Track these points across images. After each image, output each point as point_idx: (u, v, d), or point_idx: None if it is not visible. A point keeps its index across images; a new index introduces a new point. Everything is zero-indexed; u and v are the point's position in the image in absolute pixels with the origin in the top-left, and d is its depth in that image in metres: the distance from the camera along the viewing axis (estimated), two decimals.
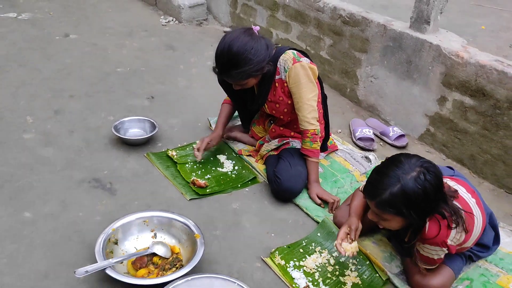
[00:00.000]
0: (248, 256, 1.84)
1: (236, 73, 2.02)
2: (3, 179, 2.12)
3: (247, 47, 2.00)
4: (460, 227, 1.58)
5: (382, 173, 1.57)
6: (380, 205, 1.54)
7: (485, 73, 2.37)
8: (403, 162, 1.55)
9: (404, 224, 1.61)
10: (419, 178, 1.49)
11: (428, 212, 1.55)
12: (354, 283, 1.78)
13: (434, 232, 1.56)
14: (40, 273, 1.68)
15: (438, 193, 1.53)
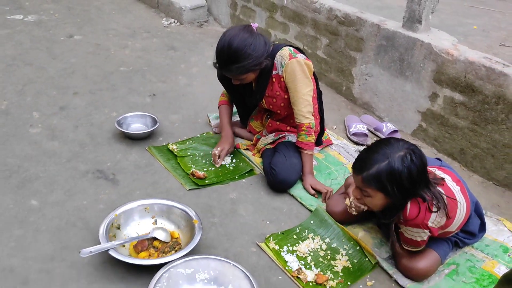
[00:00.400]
0: (244, 242, 1.93)
1: (236, 67, 2.12)
2: (11, 170, 2.22)
3: (247, 43, 2.10)
4: (441, 211, 1.66)
5: (371, 151, 1.66)
6: (366, 179, 1.62)
7: (474, 69, 2.46)
8: (392, 143, 1.65)
9: (385, 203, 1.69)
10: (406, 158, 1.58)
11: (410, 192, 1.63)
12: (344, 266, 1.86)
13: (414, 213, 1.64)
14: (46, 256, 1.77)
15: (421, 175, 1.61)
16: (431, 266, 1.83)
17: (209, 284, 1.67)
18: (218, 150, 2.39)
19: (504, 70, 2.36)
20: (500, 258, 1.94)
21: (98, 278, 1.70)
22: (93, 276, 1.70)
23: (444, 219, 1.69)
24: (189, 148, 2.52)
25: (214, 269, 1.68)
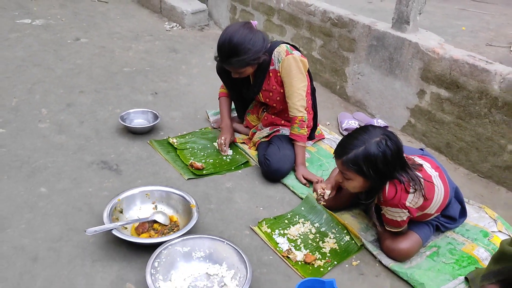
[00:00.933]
0: (238, 226, 2.07)
1: (236, 61, 2.27)
2: (21, 161, 2.37)
3: (246, 38, 2.25)
4: (418, 192, 1.79)
5: (351, 137, 1.80)
6: (345, 163, 1.76)
7: (458, 66, 2.60)
8: (370, 130, 1.79)
9: (365, 185, 1.82)
10: (381, 143, 1.72)
11: (386, 174, 1.76)
12: (332, 248, 1.99)
13: (391, 194, 1.77)
14: (54, 236, 1.91)
15: (396, 159, 1.74)
16: (413, 247, 1.95)
17: (204, 261, 1.80)
18: (222, 139, 2.55)
19: (486, 66, 2.49)
20: (479, 242, 2.06)
21: (102, 256, 1.83)
22: (97, 254, 1.84)
23: (421, 200, 1.81)
24: (188, 142, 2.66)
25: (209, 248, 1.81)
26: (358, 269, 1.91)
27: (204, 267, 1.79)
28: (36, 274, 1.73)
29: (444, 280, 1.85)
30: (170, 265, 1.74)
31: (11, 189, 2.17)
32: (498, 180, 2.55)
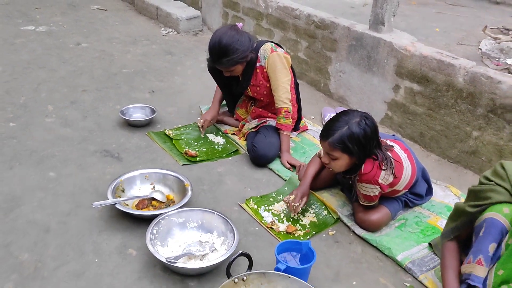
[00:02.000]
0: (228, 203, 2.31)
1: (226, 60, 2.53)
2: (31, 150, 2.62)
3: (234, 39, 2.51)
4: (388, 170, 2.04)
5: (334, 120, 2.04)
6: (331, 143, 1.99)
7: (427, 62, 2.87)
8: (349, 112, 2.04)
9: (349, 163, 2.06)
10: (361, 122, 1.97)
11: (367, 149, 2.00)
12: (311, 221, 2.24)
13: (368, 169, 2.02)
14: (63, 212, 2.15)
15: (374, 134, 1.99)
16: (382, 218, 2.19)
17: (197, 231, 2.04)
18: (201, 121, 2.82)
19: (452, 61, 2.76)
20: (443, 215, 2.31)
21: (107, 228, 2.07)
22: (102, 226, 2.08)
23: (391, 177, 2.06)
24: (183, 133, 2.91)
25: (201, 219, 2.05)
26: (334, 238, 2.15)
27: (197, 235, 2.03)
28: (49, 242, 1.97)
29: (409, 246, 2.10)
30: (167, 233, 1.98)
31: (23, 173, 2.41)
32: (466, 164, 2.80)
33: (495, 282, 1.67)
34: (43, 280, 1.78)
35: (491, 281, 1.67)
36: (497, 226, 1.60)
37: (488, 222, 1.63)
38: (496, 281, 1.67)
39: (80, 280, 1.79)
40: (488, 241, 1.62)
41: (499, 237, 1.61)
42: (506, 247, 1.62)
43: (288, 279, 1.70)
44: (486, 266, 1.63)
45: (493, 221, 1.62)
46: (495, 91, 2.56)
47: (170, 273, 1.85)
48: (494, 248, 1.62)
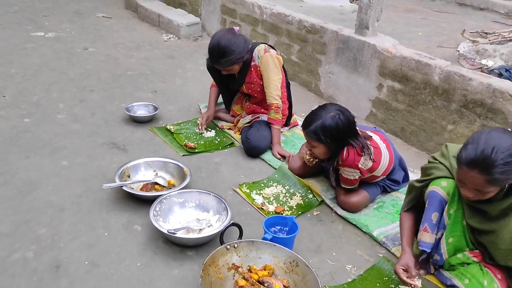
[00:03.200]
0: (223, 188, 2.56)
1: (224, 61, 2.80)
2: (44, 142, 2.88)
3: (231, 42, 2.78)
4: (367, 155, 2.29)
5: (312, 113, 2.30)
6: (308, 133, 2.26)
7: (407, 63, 3.14)
8: (327, 106, 2.30)
9: (327, 151, 2.31)
10: (335, 116, 2.22)
11: (341, 141, 2.25)
12: (298, 203, 2.49)
13: (347, 156, 2.27)
14: (76, 194, 2.41)
15: (348, 128, 2.24)
16: (362, 200, 2.44)
17: (195, 209, 2.29)
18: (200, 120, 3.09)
19: (428, 62, 3.03)
20: None
21: (114, 207, 2.32)
22: (111, 206, 2.33)
23: (370, 163, 2.31)
24: (183, 128, 3.17)
25: (199, 199, 2.31)
26: (318, 217, 2.40)
27: (195, 213, 2.28)
28: (64, 220, 2.22)
29: (385, 224, 2.35)
30: (168, 211, 2.23)
31: (38, 162, 2.67)
32: None
33: (449, 250, 1.92)
34: (59, 250, 2.03)
35: (445, 249, 1.93)
36: (436, 198, 1.87)
37: (430, 195, 1.89)
38: (449, 248, 1.92)
39: (91, 250, 2.04)
40: (430, 211, 1.89)
41: (439, 206, 1.88)
42: (449, 217, 1.88)
43: (274, 247, 1.95)
44: (432, 233, 1.90)
45: (433, 194, 1.88)
46: (466, 87, 2.82)
47: (171, 245, 2.10)
48: (436, 216, 1.89)
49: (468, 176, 1.66)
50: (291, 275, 1.90)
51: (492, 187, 1.66)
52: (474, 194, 1.72)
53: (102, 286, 1.86)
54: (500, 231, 1.76)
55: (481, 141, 1.64)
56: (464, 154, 1.66)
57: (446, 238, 1.92)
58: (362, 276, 2.03)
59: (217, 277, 1.84)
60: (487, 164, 1.60)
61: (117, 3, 6.42)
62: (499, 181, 1.62)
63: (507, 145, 1.60)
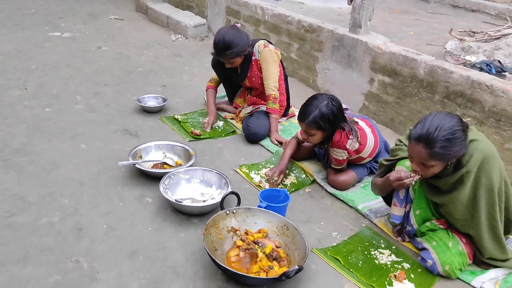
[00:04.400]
0: (225, 168, 2.84)
1: (229, 53, 3.08)
2: (64, 129, 3.18)
3: (235, 36, 3.08)
4: (354, 138, 2.57)
5: (307, 105, 2.58)
6: (308, 124, 2.53)
7: (395, 58, 3.41)
8: (318, 97, 2.58)
9: (323, 137, 2.59)
10: (329, 104, 2.51)
11: (335, 124, 2.53)
12: (292, 182, 2.76)
13: (338, 138, 2.54)
14: (94, 172, 2.70)
15: (340, 112, 2.52)
16: (349, 179, 2.71)
17: (199, 185, 2.58)
18: (207, 119, 3.34)
19: (415, 57, 3.30)
20: None
21: (128, 183, 2.62)
22: (125, 182, 2.62)
23: (357, 144, 2.58)
24: (190, 118, 3.47)
25: (203, 176, 2.59)
26: (309, 194, 2.68)
27: (200, 188, 2.56)
28: (84, 192, 2.52)
29: (369, 199, 2.62)
30: (176, 185, 2.52)
31: (59, 145, 2.97)
32: None
33: (418, 221, 2.19)
34: (81, 216, 2.32)
35: (414, 221, 2.20)
36: None
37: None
38: (418, 219, 2.19)
39: (109, 217, 2.33)
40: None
41: None
42: (414, 192, 2.15)
43: (268, 213, 2.23)
44: (400, 207, 2.18)
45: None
46: (448, 80, 3.09)
47: (178, 213, 2.39)
48: (403, 192, 2.17)
49: (415, 149, 1.93)
50: (282, 237, 2.18)
51: (434, 161, 1.91)
52: (420, 168, 1.98)
53: (118, 245, 2.15)
54: (453, 203, 2.03)
55: (428, 121, 1.91)
56: (413, 131, 1.94)
57: (414, 211, 2.19)
58: (346, 241, 2.30)
59: (217, 237, 2.12)
60: (430, 139, 1.87)
61: (128, 6, 6.76)
62: (439, 155, 1.88)
63: (449, 126, 1.87)
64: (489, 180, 1.96)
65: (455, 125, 1.88)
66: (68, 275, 1.96)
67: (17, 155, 2.82)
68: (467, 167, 1.94)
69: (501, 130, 2.86)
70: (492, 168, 1.95)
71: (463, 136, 1.90)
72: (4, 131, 3.09)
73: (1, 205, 2.36)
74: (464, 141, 1.90)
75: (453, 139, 1.86)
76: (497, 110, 2.86)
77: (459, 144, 1.88)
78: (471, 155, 1.93)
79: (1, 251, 2.06)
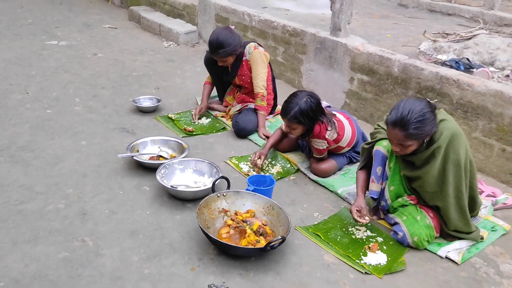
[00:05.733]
0: (216, 160, 3.07)
1: (222, 51, 3.34)
2: (66, 128, 3.41)
3: (228, 36, 3.34)
4: (333, 129, 2.83)
5: (288, 102, 2.84)
6: (290, 120, 2.79)
7: (372, 58, 3.69)
8: (298, 94, 2.84)
9: (304, 130, 2.85)
10: (307, 100, 2.76)
11: (314, 119, 2.79)
12: (278, 171, 3.01)
13: (317, 130, 2.80)
14: (95, 165, 2.93)
15: (318, 107, 2.78)
16: (330, 167, 2.96)
17: (193, 173, 2.81)
18: (197, 108, 3.60)
19: (389, 56, 3.58)
20: None
21: (127, 174, 2.85)
22: (124, 173, 2.85)
23: (335, 134, 2.84)
24: (182, 117, 3.71)
25: (196, 166, 2.83)
26: (294, 181, 2.92)
27: (193, 177, 2.80)
28: (86, 183, 2.74)
29: (348, 184, 2.87)
30: (171, 174, 2.75)
31: (62, 142, 3.20)
32: None
33: (391, 196, 2.44)
34: (84, 203, 2.55)
35: (388, 196, 2.45)
36: (379, 155, 2.41)
37: (375, 153, 2.43)
38: (392, 195, 2.44)
39: (110, 203, 2.56)
40: (375, 166, 2.42)
41: (382, 162, 2.41)
42: (390, 169, 2.41)
43: (255, 195, 2.47)
44: (377, 183, 2.43)
45: (377, 152, 2.42)
46: (420, 76, 3.37)
47: (173, 199, 2.62)
48: (380, 170, 2.42)
49: (392, 133, 2.19)
50: (268, 216, 2.42)
51: (410, 141, 2.17)
52: (400, 149, 2.24)
53: (120, 226, 2.37)
54: (425, 176, 2.28)
55: (401, 107, 2.18)
56: (389, 117, 2.20)
57: (388, 187, 2.44)
58: (326, 220, 2.54)
59: (210, 216, 2.36)
60: (404, 123, 2.13)
61: (121, 16, 7.03)
62: (414, 135, 2.14)
63: (419, 109, 2.14)
64: (457, 155, 2.22)
65: (424, 108, 2.14)
66: (75, 251, 2.18)
67: (23, 151, 3.04)
68: (438, 142, 2.21)
69: (468, 121, 3.14)
70: (459, 144, 2.22)
71: (433, 116, 2.16)
72: (9, 130, 3.31)
73: (11, 194, 2.58)
74: (434, 120, 2.17)
75: (424, 120, 2.12)
76: (464, 102, 3.13)
77: (430, 123, 2.14)
78: (441, 133, 2.20)
79: (13, 233, 2.28)
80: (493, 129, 3.01)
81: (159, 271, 2.09)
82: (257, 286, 2.05)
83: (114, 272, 2.07)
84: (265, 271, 2.13)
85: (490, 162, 3.07)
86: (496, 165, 3.05)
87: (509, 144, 2.95)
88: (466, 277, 2.19)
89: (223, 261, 2.17)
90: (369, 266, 2.21)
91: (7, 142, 3.14)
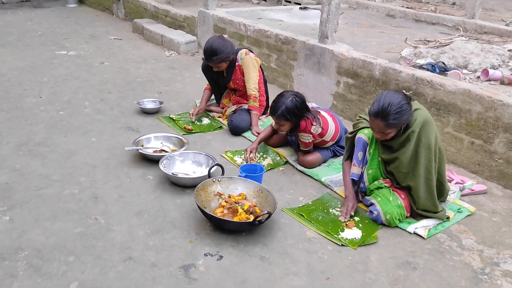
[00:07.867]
0: (213, 154, 3.39)
1: (215, 58, 3.70)
2: (77, 127, 3.76)
3: (221, 44, 3.70)
4: (317, 124, 3.16)
5: (276, 101, 3.18)
6: (277, 117, 3.13)
7: (356, 63, 4.05)
8: (284, 94, 3.19)
9: (291, 126, 3.19)
10: (293, 99, 3.11)
11: (300, 115, 3.13)
12: (268, 163, 3.34)
13: (304, 125, 3.13)
14: (104, 158, 3.27)
15: (303, 105, 3.12)
16: (315, 159, 3.29)
17: (192, 164, 3.15)
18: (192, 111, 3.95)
19: (372, 61, 3.94)
20: None
21: (133, 165, 3.18)
22: (130, 164, 3.19)
23: (320, 129, 3.18)
24: (183, 117, 4.06)
25: (194, 157, 3.17)
26: (283, 172, 3.26)
27: (192, 167, 3.14)
28: (97, 172, 3.08)
29: (332, 174, 3.20)
30: (172, 164, 3.09)
31: (74, 139, 3.54)
32: None
33: (369, 179, 2.77)
34: (96, 189, 2.88)
35: (366, 178, 2.78)
36: (361, 141, 2.73)
37: (357, 140, 2.76)
38: (369, 178, 2.77)
39: (118, 189, 2.89)
40: (357, 151, 2.75)
41: (363, 147, 2.73)
42: (369, 155, 2.74)
43: (246, 181, 2.80)
44: (358, 167, 2.75)
45: (359, 139, 2.75)
46: (398, 78, 3.72)
47: (174, 186, 2.95)
48: (361, 155, 2.74)
49: (374, 123, 2.53)
50: (258, 199, 2.75)
51: (390, 129, 2.51)
52: (381, 136, 2.58)
53: (127, 207, 2.70)
54: (400, 157, 2.61)
55: (381, 99, 2.51)
56: (371, 109, 2.54)
57: (367, 170, 2.77)
58: (310, 203, 2.87)
59: (206, 198, 2.69)
60: (385, 114, 2.47)
61: (125, 28, 7.43)
62: (393, 124, 2.48)
63: (397, 102, 2.48)
64: (428, 139, 2.56)
65: (401, 100, 2.48)
66: (89, 227, 2.51)
67: (39, 146, 3.39)
68: (412, 128, 2.55)
69: (441, 117, 3.48)
70: (430, 130, 2.56)
71: (409, 107, 2.50)
72: (26, 129, 3.66)
73: (31, 182, 2.92)
74: (410, 111, 2.51)
75: (402, 111, 2.46)
76: (437, 101, 3.48)
77: (407, 113, 2.48)
78: (415, 119, 2.55)
79: (35, 213, 2.61)
80: (462, 124, 3.35)
81: (161, 243, 2.42)
82: (246, 255, 2.37)
83: (123, 243, 2.39)
84: (254, 243, 2.46)
85: (461, 154, 3.40)
86: (466, 157, 3.38)
87: (477, 138, 3.28)
88: (431, 249, 2.51)
89: (218, 235, 2.50)
90: (345, 240, 2.52)
91: (25, 139, 3.49)
